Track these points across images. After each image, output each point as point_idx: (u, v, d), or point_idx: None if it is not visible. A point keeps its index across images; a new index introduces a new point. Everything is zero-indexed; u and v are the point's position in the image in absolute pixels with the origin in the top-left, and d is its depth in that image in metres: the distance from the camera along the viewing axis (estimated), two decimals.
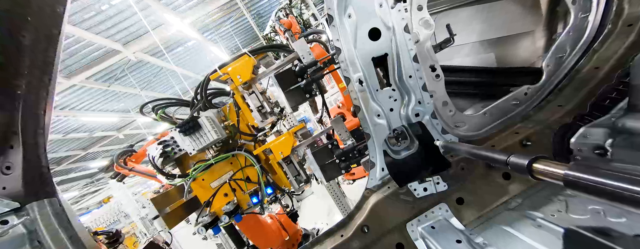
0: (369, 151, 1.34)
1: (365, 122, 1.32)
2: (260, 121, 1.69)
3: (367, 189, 1.36)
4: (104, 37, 7.37)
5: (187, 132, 1.68)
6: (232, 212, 1.76)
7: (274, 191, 1.83)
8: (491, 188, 1.28)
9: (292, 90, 1.53)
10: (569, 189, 0.56)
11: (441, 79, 1.36)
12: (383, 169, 1.34)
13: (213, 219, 1.80)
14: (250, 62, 1.63)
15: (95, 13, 6.58)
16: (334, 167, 1.54)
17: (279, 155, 1.64)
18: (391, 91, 1.33)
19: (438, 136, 1.33)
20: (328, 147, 1.56)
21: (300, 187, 1.76)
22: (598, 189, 0.49)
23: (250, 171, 1.85)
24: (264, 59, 1.86)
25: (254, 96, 1.66)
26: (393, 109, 1.34)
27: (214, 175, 1.87)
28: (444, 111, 1.38)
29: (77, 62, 7.76)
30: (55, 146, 11.02)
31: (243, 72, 1.60)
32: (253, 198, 1.80)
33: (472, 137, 1.40)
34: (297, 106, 1.66)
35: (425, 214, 1.29)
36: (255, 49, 1.72)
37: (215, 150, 1.81)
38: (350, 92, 1.31)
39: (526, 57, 1.79)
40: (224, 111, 1.88)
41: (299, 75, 1.52)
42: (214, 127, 1.69)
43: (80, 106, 9.81)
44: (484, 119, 1.42)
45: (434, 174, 1.31)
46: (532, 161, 0.63)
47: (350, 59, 1.27)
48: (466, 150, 0.98)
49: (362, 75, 1.29)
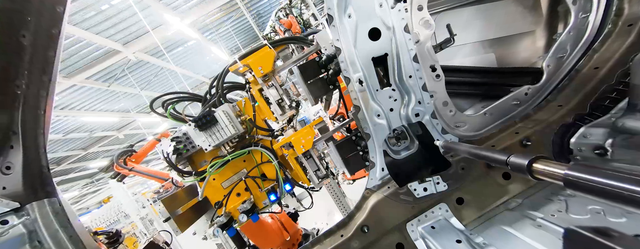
0: (369, 151, 1.34)
1: (365, 122, 1.33)
2: (280, 114, 1.64)
3: (367, 189, 1.36)
4: (104, 37, 7.37)
5: (202, 127, 1.62)
6: (250, 210, 1.70)
7: (292, 187, 1.77)
8: (491, 188, 1.28)
9: (314, 82, 1.47)
10: (569, 189, 0.56)
11: (441, 79, 1.36)
12: (383, 169, 1.34)
13: (229, 220, 1.74)
14: (271, 53, 1.55)
15: (95, 13, 6.57)
16: (358, 160, 1.49)
17: (301, 149, 1.54)
18: (391, 91, 1.33)
19: (438, 136, 1.33)
20: (352, 139, 1.49)
21: (320, 182, 1.67)
22: (598, 189, 0.49)
23: (266, 168, 1.80)
24: (283, 51, 1.80)
25: (274, 88, 1.62)
26: (393, 109, 1.34)
27: (226, 174, 1.81)
28: (444, 111, 1.38)
29: (77, 62, 7.75)
30: (55, 146, 11.00)
31: (265, 63, 1.53)
32: (271, 195, 1.73)
33: (473, 137, 1.40)
34: (319, 99, 1.60)
35: (425, 214, 1.29)
36: (275, 41, 1.66)
37: (230, 146, 1.73)
38: (350, 92, 1.31)
39: (526, 57, 1.79)
40: (239, 105, 1.82)
41: (323, 66, 1.46)
42: (231, 121, 1.64)
43: (80, 106, 9.80)
44: (485, 119, 1.42)
45: (434, 174, 1.31)
46: (532, 161, 0.63)
47: (350, 59, 1.27)
48: (466, 150, 0.98)
49: (362, 75, 1.29)
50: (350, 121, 1.68)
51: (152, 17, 7.60)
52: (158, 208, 1.71)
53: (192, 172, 1.74)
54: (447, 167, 1.28)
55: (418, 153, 1.38)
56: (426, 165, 1.30)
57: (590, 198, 0.66)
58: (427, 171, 1.30)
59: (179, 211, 1.75)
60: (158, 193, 5.58)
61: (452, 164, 1.28)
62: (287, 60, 1.65)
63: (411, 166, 1.35)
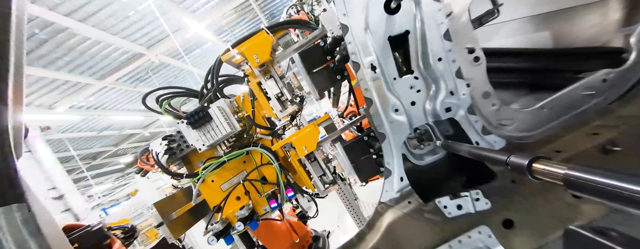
0: (385, 155, 1.07)
1: (379, 119, 1.05)
2: (280, 110, 1.44)
3: (382, 204, 1.09)
4: (130, 41, 7.85)
5: (195, 124, 1.47)
6: (247, 218, 1.53)
7: (295, 193, 1.57)
8: (555, 209, 0.94)
9: (319, 72, 1.24)
10: (569, 189, 0.53)
11: (482, 62, 1.04)
12: (402, 178, 1.06)
13: (225, 227, 1.57)
14: (268, 39, 1.34)
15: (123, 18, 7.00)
16: (370, 164, 1.23)
17: (303, 151, 1.34)
18: (413, 80, 1.04)
19: (477, 138, 1.01)
20: (363, 140, 1.26)
21: (326, 189, 1.45)
22: (598, 189, 0.48)
23: (267, 170, 1.61)
24: (284, 37, 1.56)
25: (273, 81, 1.42)
26: (415, 102, 1.05)
27: (225, 176, 1.66)
28: (484, 105, 1.06)
29: (108, 65, 8.38)
30: (90, 142, 12.13)
31: (261, 50, 1.32)
32: (271, 202, 1.56)
33: (525, 138, 1.06)
34: (324, 92, 1.37)
35: (460, 239, 0.99)
36: (273, 25, 1.44)
37: (227, 146, 1.57)
38: (360, 82, 1.05)
39: (592, 36, 1.38)
40: (237, 101, 1.65)
41: (328, 52, 1.22)
42: (226, 118, 1.47)
43: (110, 106, 10.64)
44: (541, 115, 1.07)
45: (472, 187, 1.00)
46: (533, 160, 0.60)
47: (360, 39, 1.01)
48: (466, 150, 0.86)
49: (375, 59, 1.02)
50: (361, 118, 1.41)
51: (172, 21, 7.94)
52: (151, 211, 1.60)
53: (184, 175, 1.59)
54: (490, 178, 0.96)
55: (447, 159, 1.08)
56: (460, 175, 1.00)
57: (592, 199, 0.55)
58: (461, 183, 0.99)
59: (173, 216, 1.61)
60: (176, 187, 5.78)
61: (497, 175, 0.96)
62: (288, 48, 1.43)
63: (439, 176, 1.06)
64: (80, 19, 6.35)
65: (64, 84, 8.09)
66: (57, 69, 7.31)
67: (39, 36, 6.15)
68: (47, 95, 8.09)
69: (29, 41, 6.29)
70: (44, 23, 6.01)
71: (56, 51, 6.78)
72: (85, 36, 6.79)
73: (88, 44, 7.19)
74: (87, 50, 7.38)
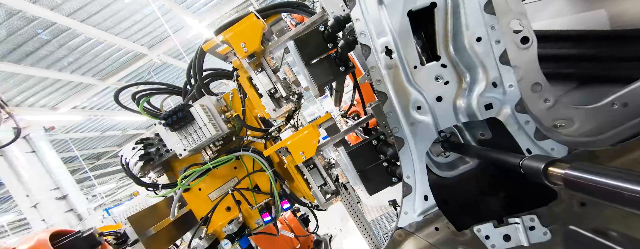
0: (403, 166, 0.82)
1: (396, 119, 0.81)
2: (273, 109, 1.22)
3: (400, 230, 0.83)
4: (132, 41, 7.82)
5: (174, 126, 1.25)
6: (236, 234, 1.33)
7: (291, 205, 1.37)
8: None
9: (318, 62, 1.03)
10: (569, 189, 0.51)
11: (532, 44, 0.79)
12: (426, 197, 0.81)
13: (212, 243, 1.38)
14: (258, 24, 1.11)
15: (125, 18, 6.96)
16: (380, 173, 1.00)
17: (300, 156, 1.12)
18: (440, 68, 0.80)
19: (528, 144, 0.76)
20: (371, 144, 1.04)
21: (328, 200, 1.24)
22: (598, 189, 0.46)
23: (260, 178, 1.41)
24: (277, 24, 1.30)
25: (264, 74, 1.20)
26: (443, 97, 0.81)
27: (214, 183, 1.45)
28: (534, 100, 0.80)
29: (110, 65, 8.38)
30: (94, 143, 12.23)
31: (249, 37, 1.09)
32: (264, 213, 1.35)
33: (590, 144, 0.80)
34: (324, 87, 1.14)
35: None
36: (264, 8, 1.21)
37: (214, 150, 1.35)
38: (370, 70, 0.81)
39: None
40: (225, 98, 1.44)
41: (330, 38, 1.00)
42: (211, 119, 1.26)
43: (114, 106, 10.66)
44: (612, 113, 0.81)
45: (520, 209, 0.74)
46: (549, 164, 0.56)
47: (372, 14, 0.77)
48: (475, 152, 0.77)
49: (391, 41, 0.78)
50: (368, 118, 1.17)
51: (174, 21, 7.88)
52: (125, 226, 1.38)
53: (160, 186, 1.37)
54: (549, 199, 0.71)
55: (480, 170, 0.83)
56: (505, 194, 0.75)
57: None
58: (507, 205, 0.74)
59: (152, 231, 1.39)
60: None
61: (559, 194, 0.71)
62: (282, 36, 1.20)
63: (472, 193, 0.81)
64: (82, 19, 6.33)
65: (67, 85, 8.13)
66: (59, 70, 7.32)
67: (41, 37, 6.13)
68: (51, 95, 8.13)
69: (32, 42, 6.30)
70: (46, 23, 6.00)
71: (59, 52, 6.78)
72: (87, 37, 6.78)
73: (90, 45, 7.19)
74: (89, 51, 7.39)
